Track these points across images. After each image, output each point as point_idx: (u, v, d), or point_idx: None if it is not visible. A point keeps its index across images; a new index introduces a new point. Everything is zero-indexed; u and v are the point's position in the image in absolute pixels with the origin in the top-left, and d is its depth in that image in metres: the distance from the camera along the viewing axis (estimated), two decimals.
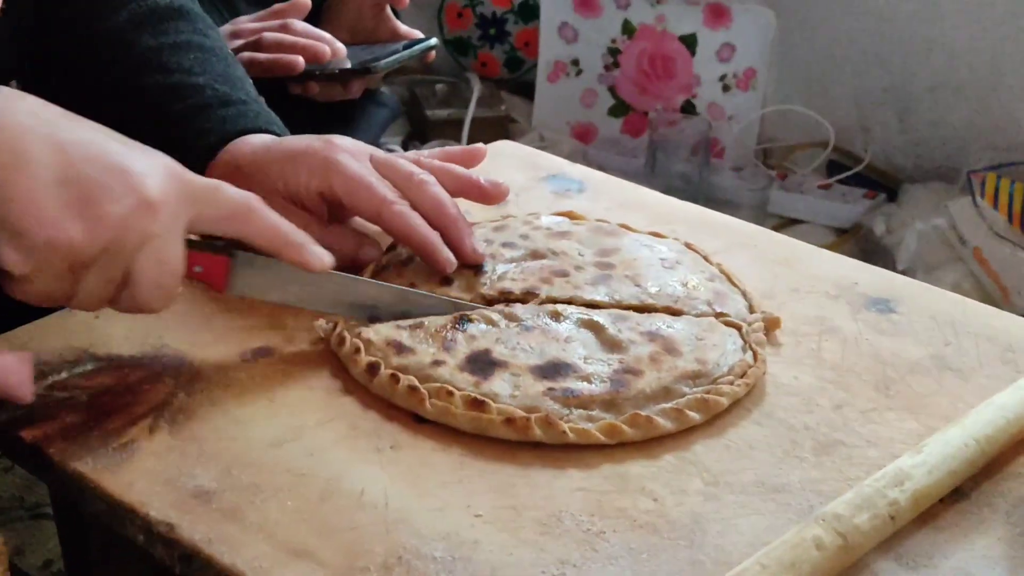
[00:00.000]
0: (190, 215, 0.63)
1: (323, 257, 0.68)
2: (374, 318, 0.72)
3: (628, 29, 2.26)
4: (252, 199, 0.66)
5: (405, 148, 2.06)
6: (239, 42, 1.08)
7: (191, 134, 0.80)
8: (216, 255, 0.68)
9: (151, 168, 0.61)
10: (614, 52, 2.29)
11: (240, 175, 0.76)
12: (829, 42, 2.07)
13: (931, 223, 1.82)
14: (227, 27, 1.12)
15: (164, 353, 0.70)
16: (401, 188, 0.77)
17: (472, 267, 0.77)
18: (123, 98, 0.83)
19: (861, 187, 2.08)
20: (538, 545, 0.57)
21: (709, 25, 2.19)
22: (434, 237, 0.76)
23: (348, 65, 1.03)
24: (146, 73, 0.83)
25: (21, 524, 0.82)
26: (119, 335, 0.71)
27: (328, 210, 0.78)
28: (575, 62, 2.32)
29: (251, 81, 0.87)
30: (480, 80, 2.35)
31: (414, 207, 0.76)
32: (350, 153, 0.77)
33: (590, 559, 0.56)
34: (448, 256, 0.75)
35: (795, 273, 0.83)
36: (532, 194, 0.93)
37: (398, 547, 0.56)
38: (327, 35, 1.08)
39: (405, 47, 1.08)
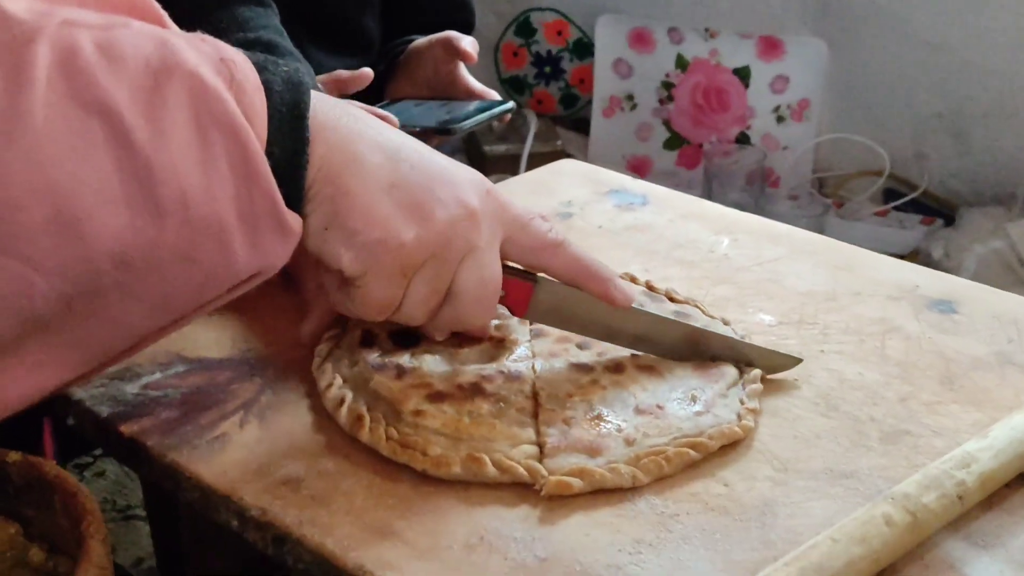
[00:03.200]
0: (502, 236, 0.64)
1: (628, 293, 0.68)
2: (677, 357, 0.71)
3: (682, 63, 2.29)
4: (561, 236, 0.66)
5: None
6: None
7: None
8: (522, 281, 0.68)
9: (471, 182, 0.63)
10: (668, 86, 2.32)
11: None
12: (882, 71, 2.08)
13: (990, 246, 1.82)
14: None
15: (250, 356, 0.73)
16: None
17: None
18: None
19: (918, 213, 2.08)
20: (614, 526, 0.59)
21: (762, 57, 2.22)
22: None
23: (431, 123, 1.05)
24: None
25: (113, 524, 0.85)
26: (208, 340, 0.74)
27: None
28: (630, 97, 2.35)
29: None
30: (536, 116, 2.39)
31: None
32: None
33: (664, 539, 0.58)
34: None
35: (857, 277, 0.84)
36: (596, 207, 0.96)
37: (479, 527, 0.58)
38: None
39: (484, 107, 1.09)
